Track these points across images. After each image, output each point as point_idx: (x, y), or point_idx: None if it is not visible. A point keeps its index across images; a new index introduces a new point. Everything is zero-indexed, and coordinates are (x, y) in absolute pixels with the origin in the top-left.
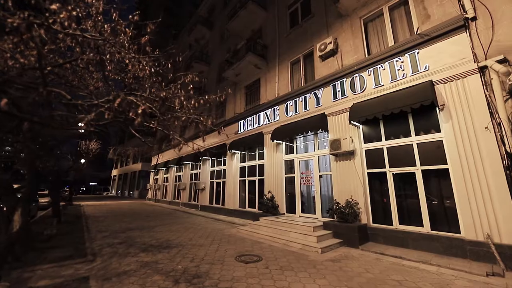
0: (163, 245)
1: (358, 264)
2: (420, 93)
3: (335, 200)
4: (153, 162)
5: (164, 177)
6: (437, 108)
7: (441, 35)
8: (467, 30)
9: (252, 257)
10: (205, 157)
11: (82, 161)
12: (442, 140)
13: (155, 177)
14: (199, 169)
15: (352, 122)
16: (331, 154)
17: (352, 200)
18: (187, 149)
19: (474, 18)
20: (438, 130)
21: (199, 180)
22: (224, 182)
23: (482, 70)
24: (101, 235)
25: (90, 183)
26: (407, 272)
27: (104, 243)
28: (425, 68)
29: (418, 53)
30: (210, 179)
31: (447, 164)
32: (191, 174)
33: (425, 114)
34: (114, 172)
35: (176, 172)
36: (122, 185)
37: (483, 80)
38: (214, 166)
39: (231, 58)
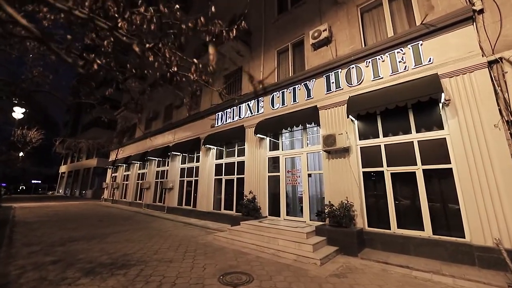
0: (118, 262)
1: (368, 280)
2: (427, 85)
3: (329, 202)
4: (112, 157)
5: (124, 175)
6: (440, 104)
7: (447, 27)
8: (474, 23)
9: (240, 276)
10: (174, 153)
11: (21, 154)
12: (445, 138)
13: (113, 174)
14: (167, 166)
15: (350, 116)
16: (324, 150)
17: (348, 201)
18: (153, 143)
19: (481, 11)
20: (441, 127)
21: (166, 178)
22: (196, 180)
23: (490, 64)
24: (28, 250)
25: (33, 181)
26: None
27: (28, 264)
28: (429, 61)
29: (421, 45)
30: (180, 178)
31: (451, 163)
32: (157, 172)
33: (427, 110)
34: (63, 169)
35: (139, 169)
36: (72, 183)
37: (492, 75)
38: (185, 163)
39: (209, 43)
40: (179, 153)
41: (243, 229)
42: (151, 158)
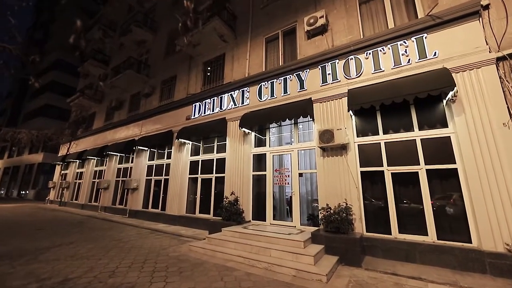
0: None
1: None
2: (437, 79)
3: (327, 204)
4: (62, 152)
5: (77, 173)
6: (444, 101)
7: (453, 20)
8: (480, 18)
9: None
10: (140, 148)
11: None
12: (450, 137)
13: (63, 172)
14: (131, 162)
15: (352, 109)
16: (319, 147)
17: (347, 204)
18: (115, 136)
19: (487, 7)
20: (445, 125)
21: (130, 177)
22: (167, 180)
23: (498, 61)
24: None
25: None
26: None
27: None
28: (434, 55)
29: (425, 38)
30: (147, 176)
31: (456, 163)
32: (119, 169)
33: (430, 107)
34: None
35: (96, 166)
36: (9, 182)
37: (500, 72)
38: (153, 160)
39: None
40: (146, 148)
41: (226, 237)
42: (111, 153)
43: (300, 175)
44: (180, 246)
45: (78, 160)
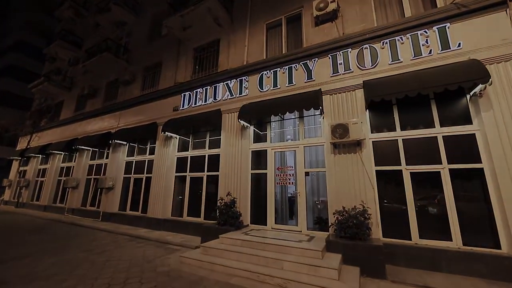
0: None
1: None
2: (468, 70)
3: (343, 207)
4: (22, 145)
5: (40, 169)
6: (468, 96)
7: (478, 10)
8: (507, 9)
9: None
10: (118, 141)
11: None
12: (474, 134)
13: (21, 168)
14: (106, 158)
15: (373, 100)
16: (331, 143)
17: (364, 207)
18: (87, 128)
19: None
20: (468, 121)
21: (104, 174)
22: (149, 178)
23: None
24: None
25: None
26: None
27: None
28: (458, 46)
29: (448, 27)
30: (125, 174)
31: (481, 162)
32: (91, 166)
33: (453, 102)
34: None
35: (62, 162)
36: None
37: None
38: (133, 155)
39: (177, 4)
40: (125, 142)
41: (224, 245)
42: (82, 147)
43: (307, 174)
44: (168, 257)
45: (40, 155)
